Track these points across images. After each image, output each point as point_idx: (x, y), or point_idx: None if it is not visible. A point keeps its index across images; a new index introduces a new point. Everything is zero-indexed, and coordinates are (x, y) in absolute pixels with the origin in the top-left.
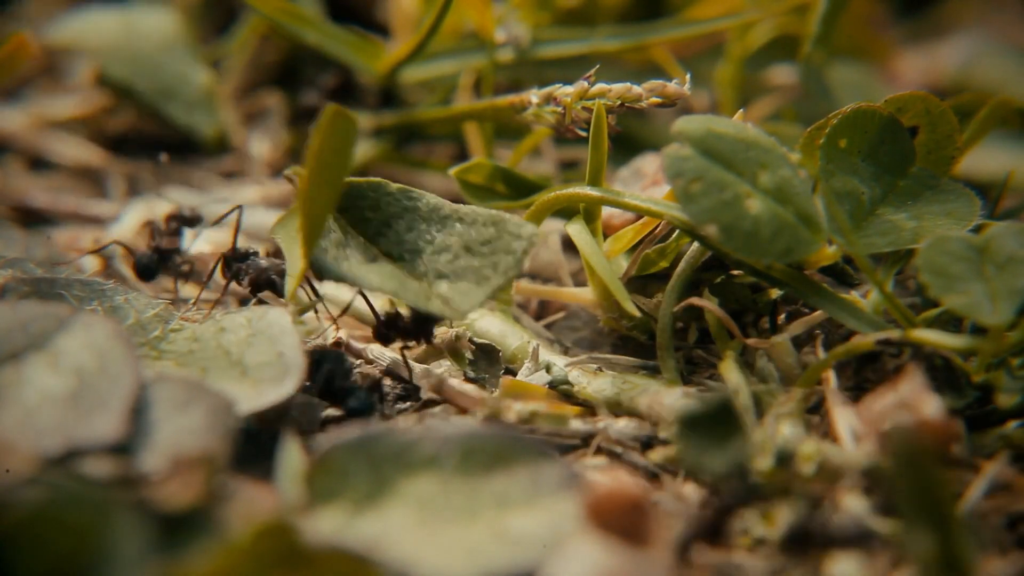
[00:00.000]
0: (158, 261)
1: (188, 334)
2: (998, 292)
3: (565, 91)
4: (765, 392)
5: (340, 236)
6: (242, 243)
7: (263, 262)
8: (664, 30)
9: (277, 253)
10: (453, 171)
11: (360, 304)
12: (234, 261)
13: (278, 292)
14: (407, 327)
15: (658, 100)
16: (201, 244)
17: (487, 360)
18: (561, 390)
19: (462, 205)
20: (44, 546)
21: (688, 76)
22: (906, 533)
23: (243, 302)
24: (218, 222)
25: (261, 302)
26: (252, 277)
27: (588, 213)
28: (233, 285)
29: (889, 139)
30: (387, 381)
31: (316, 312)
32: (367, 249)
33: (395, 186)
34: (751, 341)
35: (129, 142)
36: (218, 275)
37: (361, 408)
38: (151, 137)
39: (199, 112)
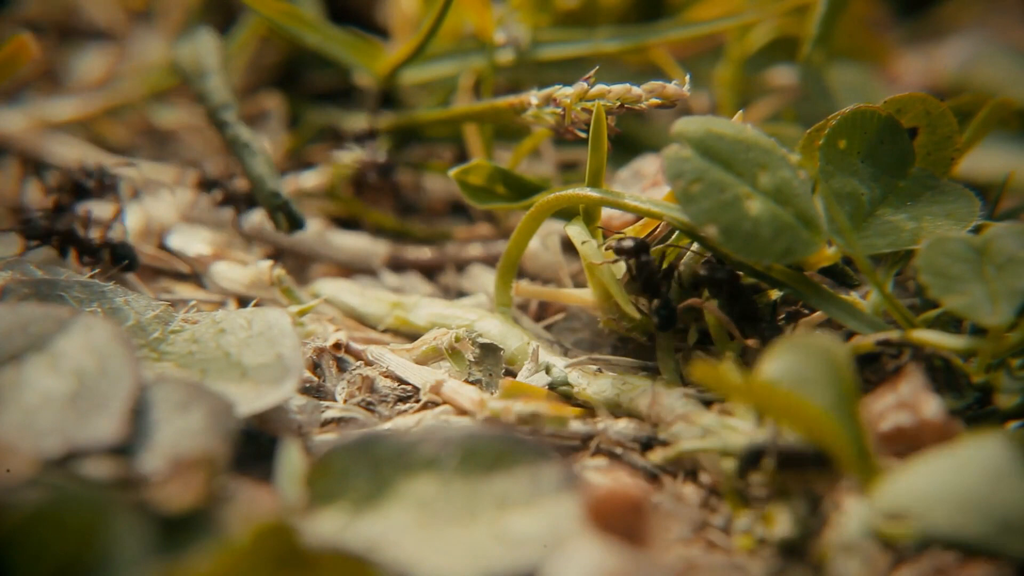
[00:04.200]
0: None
1: (188, 336)
2: (998, 293)
3: (565, 92)
4: None
5: None
6: (239, 242)
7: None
8: (664, 31)
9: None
10: (453, 172)
11: (360, 305)
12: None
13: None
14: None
15: (657, 101)
16: (200, 246)
17: (490, 358)
18: (561, 391)
19: None
20: (44, 547)
21: (688, 77)
22: None
23: (243, 303)
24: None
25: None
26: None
27: (588, 214)
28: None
29: (888, 140)
30: (387, 381)
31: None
32: None
33: None
34: (751, 342)
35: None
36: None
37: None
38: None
39: None
